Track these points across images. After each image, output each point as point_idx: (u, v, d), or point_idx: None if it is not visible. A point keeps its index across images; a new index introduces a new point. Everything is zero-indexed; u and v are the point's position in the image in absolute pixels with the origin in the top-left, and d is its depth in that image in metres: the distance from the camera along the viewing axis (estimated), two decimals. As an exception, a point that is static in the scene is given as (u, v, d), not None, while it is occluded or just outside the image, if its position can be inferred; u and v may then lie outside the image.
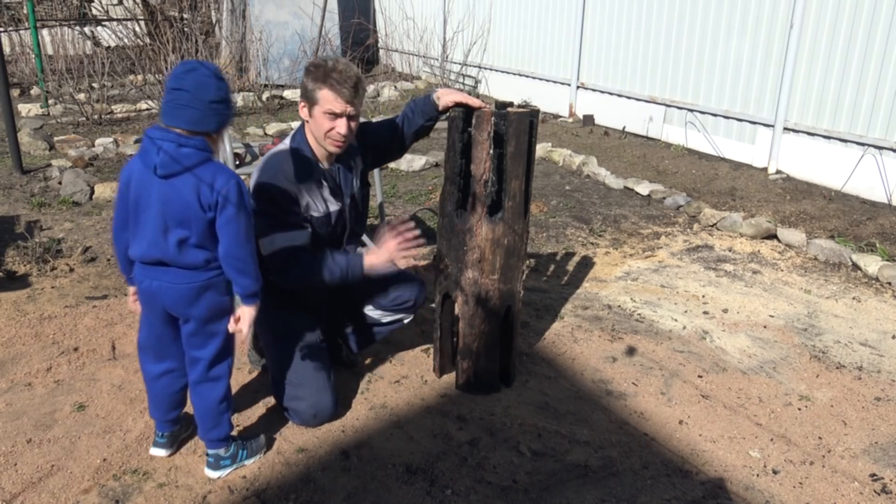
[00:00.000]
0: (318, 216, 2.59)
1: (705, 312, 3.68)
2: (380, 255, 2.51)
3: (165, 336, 2.28)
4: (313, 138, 2.57)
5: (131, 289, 2.30)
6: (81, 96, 7.71)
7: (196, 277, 2.14)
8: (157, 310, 2.21)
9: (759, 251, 4.52)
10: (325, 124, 2.47)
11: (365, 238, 3.98)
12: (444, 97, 2.73)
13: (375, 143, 2.81)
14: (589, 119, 7.83)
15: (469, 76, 9.70)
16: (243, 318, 2.21)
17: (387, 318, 2.85)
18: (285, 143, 2.61)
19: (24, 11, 8.87)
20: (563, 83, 8.25)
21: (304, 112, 2.53)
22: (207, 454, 2.37)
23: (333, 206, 2.63)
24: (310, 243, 2.55)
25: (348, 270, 2.52)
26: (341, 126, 2.47)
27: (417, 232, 2.55)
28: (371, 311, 2.83)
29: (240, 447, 2.41)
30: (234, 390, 2.86)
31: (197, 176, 2.03)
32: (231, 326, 2.23)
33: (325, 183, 2.59)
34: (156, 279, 2.14)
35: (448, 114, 2.67)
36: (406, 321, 2.90)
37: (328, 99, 2.43)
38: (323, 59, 2.50)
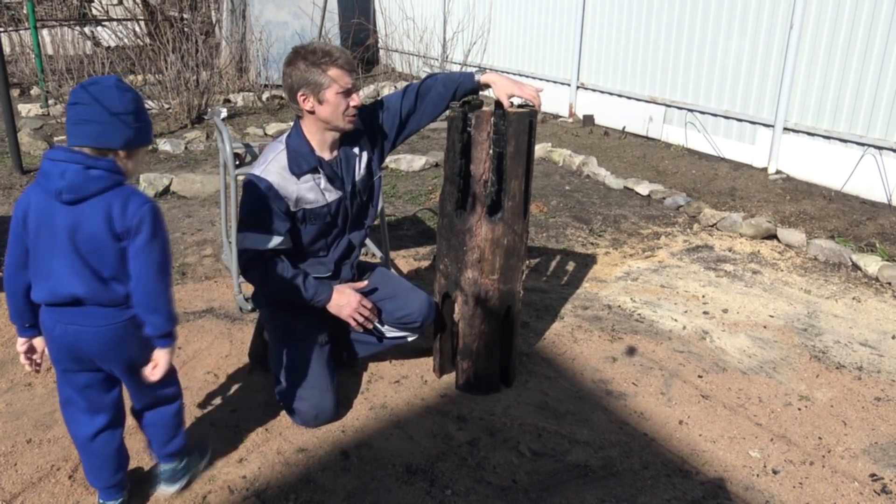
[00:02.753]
0: (314, 207, 2.57)
1: (705, 312, 3.68)
2: (341, 308, 2.60)
3: (96, 381, 2.00)
4: (313, 129, 2.56)
5: (21, 340, 1.97)
6: (81, 96, 7.69)
7: (118, 316, 1.89)
8: (81, 357, 1.93)
9: (759, 251, 4.52)
10: (341, 104, 2.47)
11: (368, 242, 3.97)
12: (499, 89, 2.64)
13: (389, 121, 2.76)
14: (589, 119, 7.83)
15: (469, 76, 9.69)
16: (159, 363, 1.96)
17: (391, 334, 2.83)
18: (281, 139, 2.61)
19: (24, 11, 8.87)
20: (563, 83, 8.25)
21: (308, 104, 2.48)
22: (162, 470, 2.22)
23: (332, 196, 2.60)
24: (282, 249, 2.54)
25: (312, 299, 2.57)
26: (355, 99, 2.50)
27: (374, 313, 2.66)
28: (376, 324, 2.82)
29: (189, 454, 2.29)
30: (234, 390, 2.87)
31: (107, 201, 1.80)
32: (147, 372, 1.97)
33: (321, 172, 2.57)
34: (71, 323, 1.88)
35: (448, 114, 2.67)
36: (410, 339, 2.88)
37: (338, 77, 2.44)
38: (303, 47, 2.48)
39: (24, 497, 2.25)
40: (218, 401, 2.79)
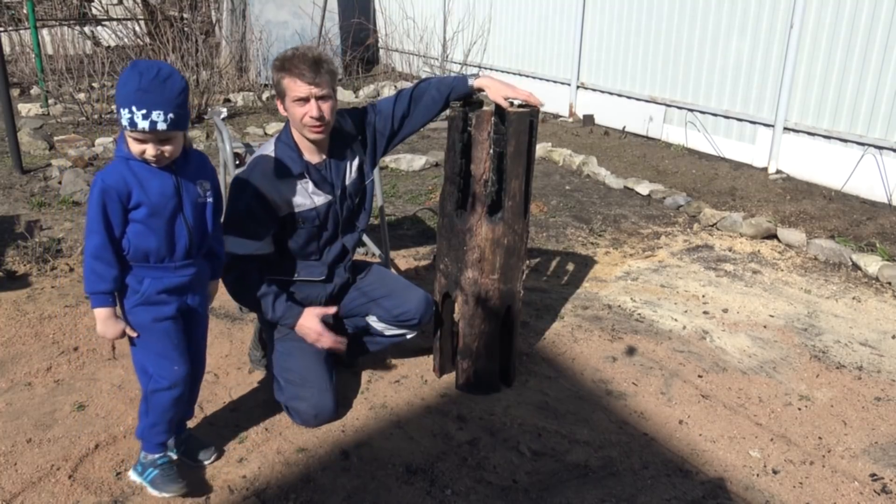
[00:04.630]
0: (302, 211, 2.56)
1: (705, 312, 3.68)
2: (306, 333, 2.60)
3: None
4: (297, 133, 2.55)
5: None
6: (81, 96, 7.71)
7: None
8: None
9: (759, 251, 4.52)
10: (297, 112, 2.44)
11: (369, 241, 3.97)
12: (494, 92, 2.60)
13: (381, 125, 2.72)
14: (589, 119, 7.83)
15: (469, 76, 9.69)
16: None
17: (389, 332, 2.83)
18: (270, 142, 2.61)
19: (24, 11, 8.87)
20: (563, 83, 8.25)
21: (280, 108, 2.52)
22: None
23: (320, 200, 2.59)
24: (262, 255, 2.52)
25: (281, 318, 2.58)
26: (312, 109, 2.42)
27: (342, 339, 2.65)
28: (375, 322, 2.82)
29: (152, 467, 2.23)
30: (234, 390, 2.87)
31: None
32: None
33: (308, 177, 2.55)
34: None
35: (448, 113, 2.67)
36: (409, 336, 2.87)
37: (291, 85, 2.41)
38: (282, 53, 2.48)
39: (24, 497, 2.25)
40: (218, 401, 2.79)
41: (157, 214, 2.03)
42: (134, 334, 2.12)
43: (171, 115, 1.93)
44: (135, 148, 1.98)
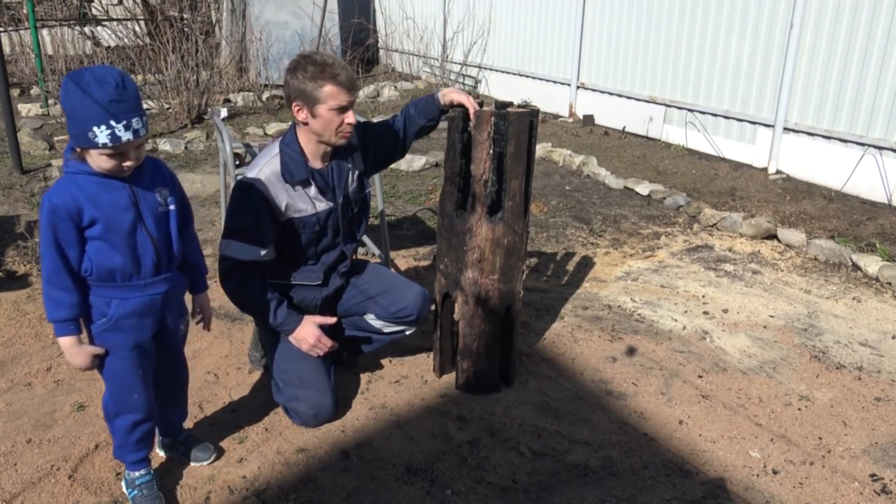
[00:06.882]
0: (303, 216, 2.56)
1: (705, 312, 3.68)
2: (302, 340, 2.60)
3: None
4: (306, 139, 2.54)
5: None
6: (81, 96, 7.70)
7: None
8: None
9: (759, 251, 4.52)
10: (334, 120, 2.44)
11: (369, 242, 3.98)
12: (446, 95, 2.72)
13: (377, 142, 2.78)
14: (589, 119, 7.82)
15: (469, 76, 9.70)
16: None
17: (388, 329, 2.84)
18: (275, 145, 2.60)
19: (24, 11, 8.87)
20: (563, 83, 8.25)
21: (301, 114, 2.46)
22: None
23: (322, 206, 2.59)
24: (264, 262, 2.52)
25: (280, 324, 2.58)
26: (350, 117, 2.47)
27: (335, 345, 2.67)
28: (373, 321, 2.82)
29: (132, 488, 2.22)
30: (234, 390, 2.87)
31: None
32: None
33: (312, 182, 2.56)
34: None
35: (448, 114, 2.67)
36: (408, 332, 2.88)
37: (334, 94, 2.41)
38: (306, 57, 2.45)
39: (24, 497, 2.25)
40: (218, 401, 2.79)
41: (115, 229, 1.90)
42: (101, 351, 2.03)
43: (144, 118, 1.85)
44: (108, 164, 1.84)
